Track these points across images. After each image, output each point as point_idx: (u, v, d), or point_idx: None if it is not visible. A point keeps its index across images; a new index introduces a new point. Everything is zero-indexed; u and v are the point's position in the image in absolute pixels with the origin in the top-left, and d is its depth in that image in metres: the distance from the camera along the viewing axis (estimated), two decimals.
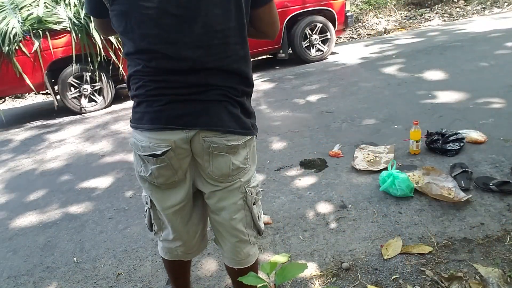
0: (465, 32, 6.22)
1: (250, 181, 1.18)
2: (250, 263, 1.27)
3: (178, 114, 1.04)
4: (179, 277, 1.49)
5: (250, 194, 1.18)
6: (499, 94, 3.33)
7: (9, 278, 1.97)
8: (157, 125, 1.05)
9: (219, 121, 1.06)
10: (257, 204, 1.23)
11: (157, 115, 1.05)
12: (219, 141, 1.06)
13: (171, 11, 0.97)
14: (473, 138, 2.55)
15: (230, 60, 1.05)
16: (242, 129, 1.10)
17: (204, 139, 1.06)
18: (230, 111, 1.07)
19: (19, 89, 5.13)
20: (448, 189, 2.03)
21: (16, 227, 2.48)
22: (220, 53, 1.03)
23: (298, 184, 2.42)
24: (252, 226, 1.23)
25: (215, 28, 1.00)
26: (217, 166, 1.10)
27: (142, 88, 1.06)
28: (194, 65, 1.01)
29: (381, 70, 4.80)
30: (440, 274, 1.53)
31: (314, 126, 3.34)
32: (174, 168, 1.10)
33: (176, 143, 1.05)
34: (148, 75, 1.04)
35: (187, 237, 1.28)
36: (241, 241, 1.23)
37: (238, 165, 1.12)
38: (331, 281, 1.59)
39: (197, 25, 0.98)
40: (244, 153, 1.13)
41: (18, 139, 4.54)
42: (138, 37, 1.01)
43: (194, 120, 1.04)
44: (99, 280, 1.85)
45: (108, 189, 2.80)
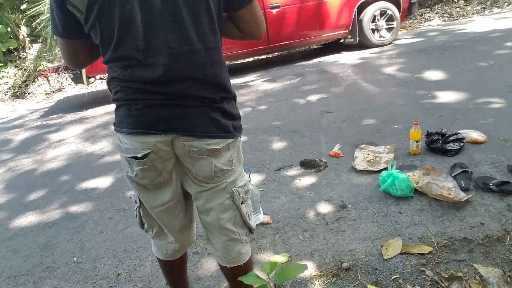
0: (465, 32, 6.22)
1: (236, 181, 1.17)
2: (243, 261, 1.27)
3: (156, 119, 1.04)
4: (176, 277, 1.49)
5: (238, 194, 1.17)
6: (499, 94, 3.33)
7: (9, 278, 1.98)
8: (135, 129, 1.06)
9: (197, 125, 1.05)
10: (246, 203, 1.22)
11: (135, 119, 1.05)
12: (199, 145, 1.06)
13: (141, 17, 0.96)
14: (473, 138, 2.55)
15: (202, 67, 1.02)
16: (222, 132, 1.08)
17: (184, 143, 1.06)
18: (208, 115, 1.06)
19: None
20: (448, 189, 2.03)
21: (16, 227, 2.48)
22: (191, 60, 1.00)
23: (298, 184, 2.42)
24: (242, 225, 1.22)
25: (184, 34, 0.98)
26: (199, 168, 1.10)
27: (120, 92, 1.07)
28: (166, 72, 1.00)
29: (381, 70, 4.79)
30: (440, 274, 1.53)
31: (314, 126, 3.34)
32: (158, 169, 1.10)
33: (157, 146, 1.06)
34: (124, 81, 1.05)
35: (176, 234, 1.29)
36: (232, 240, 1.23)
37: (221, 167, 1.11)
38: (331, 281, 1.59)
39: (166, 31, 0.97)
40: (228, 155, 1.12)
41: (18, 139, 4.54)
42: (113, 45, 1.00)
43: (172, 125, 1.04)
44: (99, 280, 1.85)
45: (108, 189, 2.80)
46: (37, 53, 8.16)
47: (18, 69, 7.86)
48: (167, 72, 1.00)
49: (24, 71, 7.81)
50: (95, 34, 1.01)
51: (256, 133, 3.38)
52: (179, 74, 1.01)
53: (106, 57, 1.05)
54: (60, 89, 7.49)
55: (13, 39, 7.87)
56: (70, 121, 4.93)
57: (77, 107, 5.64)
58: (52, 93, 7.40)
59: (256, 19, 1.10)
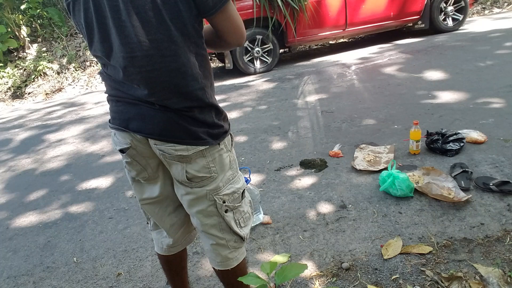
0: (465, 32, 6.22)
1: (219, 189, 1.12)
2: (230, 266, 1.24)
3: (128, 117, 1.07)
4: (175, 275, 1.49)
5: (221, 202, 1.13)
6: (499, 94, 3.33)
7: (9, 278, 1.98)
8: (115, 125, 1.11)
9: (163, 130, 1.04)
10: (236, 211, 1.18)
11: (114, 115, 1.11)
12: (167, 150, 1.06)
13: (97, 21, 0.99)
14: (473, 138, 2.55)
15: (158, 74, 0.98)
16: (191, 139, 1.05)
17: (154, 146, 1.08)
18: (176, 121, 1.03)
19: None
20: (448, 189, 2.03)
21: (16, 227, 2.48)
22: (145, 65, 0.98)
23: (298, 184, 2.42)
24: (229, 231, 1.19)
25: (134, 39, 0.95)
26: (174, 172, 1.12)
27: (106, 88, 1.13)
28: (125, 76, 1.01)
29: (381, 70, 4.79)
30: (440, 274, 1.53)
31: (314, 126, 3.34)
32: (141, 165, 1.14)
33: (133, 143, 1.09)
34: (106, 77, 1.10)
35: (168, 229, 1.30)
36: (218, 245, 1.21)
37: (194, 174, 1.08)
38: (331, 281, 1.59)
39: (120, 35, 0.97)
40: (203, 163, 1.08)
41: (18, 139, 4.54)
42: (88, 43, 1.06)
43: (141, 126, 1.06)
44: (99, 280, 1.85)
45: (108, 189, 2.80)
46: (37, 53, 8.15)
47: (18, 69, 7.86)
48: (126, 76, 1.01)
49: (24, 71, 7.81)
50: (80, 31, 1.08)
51: (256, 133, 3.38)
52: (137, 79, 1.00)
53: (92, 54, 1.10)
54: (60, 89, 7.49)
55: (13, 39, 7.87)
56: (70, 121, 4.93)
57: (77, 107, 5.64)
58: (52, 93, 7.40)
59: (230, 25, 1.03)
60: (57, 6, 8.90)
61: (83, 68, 7.84)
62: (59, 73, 7.71)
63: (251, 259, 1.81)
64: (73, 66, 7.80)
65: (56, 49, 8.10)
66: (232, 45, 1.10)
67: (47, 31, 8.54)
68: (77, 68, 7.82)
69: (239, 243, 1.23)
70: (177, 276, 1.50)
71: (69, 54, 7.90)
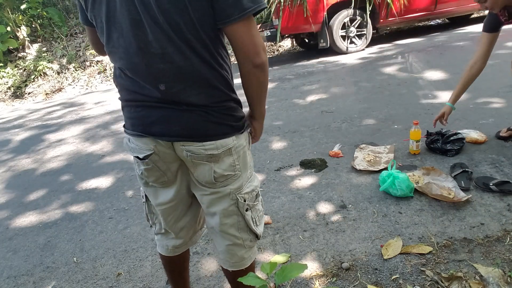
0: (465, 32, 6.22)
1: (241, 187, 1.14)
2: (245, 266, 1.25)
3: (151, 121, 1.04)
4: (177, 276, 1.49)
5: (243, 201, 1.14)
6: (499, 94, 3.33)
7: (9, 278, 1.98)
8: (136, 132, 1.07)
9: (191, 130, 1.03)
10: (254, 209, 1.19)
11: (135, 121, 1.07)
12: (197, 151, 1.04)
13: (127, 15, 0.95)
14: (473, 138, 2.55)
15: (190, 68, 0.98)
16: (219, 135, 1.05)
17: (182, 148, 1.05)
18: (203, 119, 1.03)
19: (303, 28, 5.92)
20: (448, 189, 2.03)
21: (16, 227, 2.48)
22: (177, 61, 0.97)
23: (298, 184, 2.42)
24: (247, 230, 1.20)
25: (166, 36, 0.94)
26: (199, 173, 1.10)
27: (121, 93, 1.09)
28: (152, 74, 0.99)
29: (381, 70, 4.79)
30: (440, 274, 1.53)
31: (314, 126, 3.34)
32: (162, 170, 1.11)
33: (157, 148, 1.07)
34: (123, 79, 1.06)
35: (178, 232, 1.29)
36: (235, 245, 1.21)
37: (221, 173, 1.08)
38: (331, 281, 1.59)
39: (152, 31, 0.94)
40: (230, 161, 1.09)
41: (18, 139, 4.54)
42: (105, 40, 1.02)
43: (166, 129, 1.03)
44: (99, 280, 1.85)
45: (108, 189, 2.80)
46: (37, 53, 8.15)
47: (18, 69, 7.86)
48: (151, 74, 0.98)
49: (24, 71, 7.81)
50: (96, 27, 1.03)
51: None
52: (167, 76, 0.98)
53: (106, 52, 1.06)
54: (60, 89, 7.49)
55: (13, 39, 7.87)
56: (70, 121, 4.93)
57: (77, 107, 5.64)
58: (52, 93, 7.40)
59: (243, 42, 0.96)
60: (57, 6, 8.91)
61: (83, 68, 7.85)
62: (59, 73, 7.72)
63: None
64: (73, 66, 7.80)
65: (56, 49, 8.10)
66: (243, 64, 1.00)
67: (47, 31, 8.55)
68: (77, 68, 7.82)
69: (254, 242, 1.25)
70: (180, 276, 1.50)
71: (69, 54, 7.91)
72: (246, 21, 0.94)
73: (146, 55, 0.97)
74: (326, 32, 5.81)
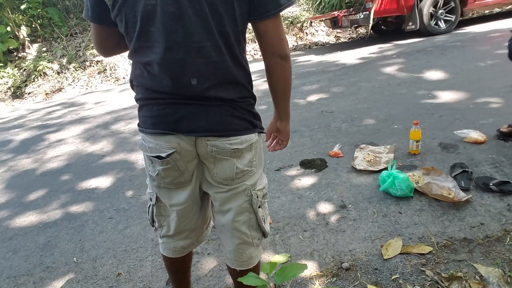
0: (465, 32, 6.22)
1: (256, 184, 1.17)
2: (252, 265, 1.26)
3: (177, 118, 1.04)
4: (182, 276, 1.49)
5: (256, 197, 1.17)
6: (499, 94, 3.33)
7: (9, 278, 1.97)
8: (158, 130, 1.06)
9: (219, 124, 1.04)
10: (263, 207, 1.21)
11: (157, 119, 1.06)
12: (222, 145, 1.06)
13: (168, 9, 0.95)
14: (473, 138, 2.55)
15: (224, 64, 1.02)
16: (244, 130, 1.09)
17: (206, 143, 1.06)
18: (230, 114, 1.06)
19: (395, 11, 6.20)
20: (448, 189, 2.03)
21: (16, 227, 2.48)
22: (213, 56, 1.00)
23: (298, 184, 2.42)
24: (256, 228, 1.22)
25: (206, 29, 0.97)
26: (221, 169, 1.10)
27: (143, 92, 1.08)
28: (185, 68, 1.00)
29: (381, 70, 4.80)
30: (440, 274, 1.53)
31: (314, 126, 3.34)
32: (180, 169, 1.10)
33: (180, 145, 1.06)
34: (146, 78, 1.05)
35: (188, 233, 1.29)
36: (244, 243, 1.22)
37: (242, 168, 1.11)
38: (331, 281, 1.59)
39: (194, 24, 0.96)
40: (249, 156, 1.12)
41: (18, 139, 4.54)
42: (136, 35, 1.00)
43: (193, 125, 1.04)
44: (99, 280, 1.85)
45: (108, 189, 2.80)
46: (37, 53, 8.15)
47: (18, 69, 7.86)
48: (185, 68, 0.99)
49: (24, 71, 7.81)
50: (120, 22, 1.01)
51: None
52: (200, 70, 1.00)
53: (130, 49, 1.05)
54: (60, 89, 7.49)
55: (13, 39, 7.87)
56: (70, 121, 4.93)
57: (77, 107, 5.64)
58: (52, 93, 7.40)
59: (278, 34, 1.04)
60: (57, 6, 8.91)
61: (83, 68, 7.85)
62: (59, 73, 7.72)
63: None
64: (73, 66, 7.80)
65: (56, 49, 8.10)
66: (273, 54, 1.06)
67: (47, 31, 8.55)
68: (77, 68, 7.82)
69: (260, 241, 1.26)
70: (183, 276, 1.49)
71: (69, 54, 7.90)
72: (278, 16, 1.02)
73: (182, 49, 0.97)
74: (416, 14, 6.03)
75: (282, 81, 1.13)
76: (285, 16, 8.41)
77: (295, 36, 8.33)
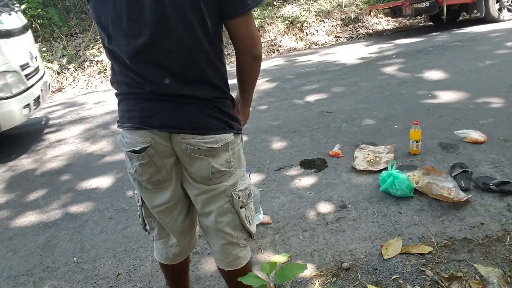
0: (465, 32, 6.22)
1: (236, 184, 1.16)
2: (240, 265, 1.26)
3: (152, 114, 1.05)
4: (179, 282, 1.49)
5: (237, 198, 1.16)
6: (499, 94, 3.33)
7: (9, 278, 1.98)
8: (133, 124, 1.07)
9: (193, 122, 1.05)
10: (247, 207, 1.20)
11: (133, 114, 1.07)
12: (196, 144, 1.05)
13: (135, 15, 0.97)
14: (473, 138, 2.55)
15: (197, 67, 1.02)
16: (219, 129, 1.08)
17: (181, 141, 1.06)
18: (205, 113, 1.06)
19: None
20: (448, 189, 2.03)
21: (16, 227, 2.48)
22: (183, 59, 1.01)
23: (298, 184, 2.42)
24: (241, 229, 1.21)
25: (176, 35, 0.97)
26: (197, 168, 1.10)
27: (120, 87, 1.10)
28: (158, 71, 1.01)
29: (381, 70, 4.79)
30: (440, 274, 1.53)
31: (314, 126, 3.34)
32: (157, 165, 1.10)
33: (155, 140, 1.06)
34: (121, 75, 1.08)
35: (178, 236, 1.28)
36: (230, 244, 1.22)
37: (218, 168, 1.10)
38: (331, 281, 1.59)
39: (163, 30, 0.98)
40: (226, 156, 1.11)
41: (18, 139, 4.54)
42: (106, 39, 1.03)
43: (167, 121, 1.04)
44: (99, 280, 1.85)
45: (108, 189, 2.80)
46: None
47: None
48: (157, 71, 1.00)
49: None
50: (97, 23, 1.04)
51: (256, 133, 3.38)
52: (174, 72, 1.01)
53: (105, 50, 1.07)
54: (60, 89, 7.49)
55: None
56: (70, 121, 4.93)
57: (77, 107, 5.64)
58: (52, 93, 7.40)
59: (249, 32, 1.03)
60: (57, 6, 8.91)
61: (83, 68, 7.84)
62: (59, 73, 7.71)
63: (251, 259, 1.81)
64: (73, 66, 7.80)
65: (56, 49, 8.09)
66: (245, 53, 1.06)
67: (47, 31, 8.54)
68: (77, 68, 7.82)
69: (248, 241, 1.26)
70: (180, 282, 1.49)
71: (69, 54, 7.90)
72: (248, 15, 1.00)
73: (152, 54, 0.98)
74: (482, 2, 6.13)
75: (251, 78, 1.17)
76: (285, 16, 8.42)
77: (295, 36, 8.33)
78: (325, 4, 8.92)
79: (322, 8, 8.73)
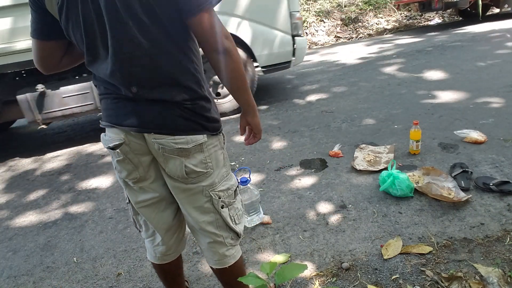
0: (465, 32, 6.22)
1: (214, 185, 1.15)
2: (228, 264, 1.26)
3: (125, 112, 1.06)
4: (172, 283, 1.49)
5: (217, 198, 1.15)
6: (499, 94, 3.33)
7: (9, 278, 1.98)
8: (108, 123, 1.10)
9: (162, 123, 1.05)
10: (231, 207, 1.20)
11: (109, 112, 1.10)
12: (167, 144, 1.06)
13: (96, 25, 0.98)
14: (473, 138, 2.55)
15: (160, 71, 1.02)
16: (189, 130, 1.07)
17: (153, 141, 1.07)
18: (175, 113, 1.05)
19: None
20: (448, 189, 2.03)
21: (16, 227, 2.48)
22: (147, 64, 1.00)
23: (298, 184, 2.42)
24: (226, 228, 1.21)
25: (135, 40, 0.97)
26: (171, 167, 1.10)
27: (99, 88, 1.13)
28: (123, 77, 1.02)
29: (381, 70, 4.80)
30: (440, 274, 1.53)
31: (314, 126, 3.34)
32: (133, 163, 1.12)
33: (128, 138, 1.08)
34: (99, 78, 1.10)
35: (163, 234, 1.29)
36: (216, 242, 1.22)
37: (192, 168, 1.09)
38: (331, 281, 1.59)
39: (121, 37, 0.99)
40: (200, 157, 1.10)
41: (18, 139, 4.54)
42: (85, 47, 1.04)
43: (139, 121, 1.05)
44: (99, 280, 1.85)
45: (108, 189, 2.80)
46: None
47: None
48: (123, 77, 1.01)
49: None
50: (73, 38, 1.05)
51: None
52: (138, 78, 1.02)
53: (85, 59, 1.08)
54: None
55: None
56: (70, 120, 4.93)
57: None
58: None
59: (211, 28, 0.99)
60: None
61: None
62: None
63: (251, 259, 1.81)
64: None
65: None
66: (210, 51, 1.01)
67: None
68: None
69: (235, 240, 1.26)
70: (174, 283, 1.49)
71: None
72: (206, 12, 0.96)
73: (117, 61, 0.99)
74: None
75: (228, 76, 1.06)
76: None
77: None
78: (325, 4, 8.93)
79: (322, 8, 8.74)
